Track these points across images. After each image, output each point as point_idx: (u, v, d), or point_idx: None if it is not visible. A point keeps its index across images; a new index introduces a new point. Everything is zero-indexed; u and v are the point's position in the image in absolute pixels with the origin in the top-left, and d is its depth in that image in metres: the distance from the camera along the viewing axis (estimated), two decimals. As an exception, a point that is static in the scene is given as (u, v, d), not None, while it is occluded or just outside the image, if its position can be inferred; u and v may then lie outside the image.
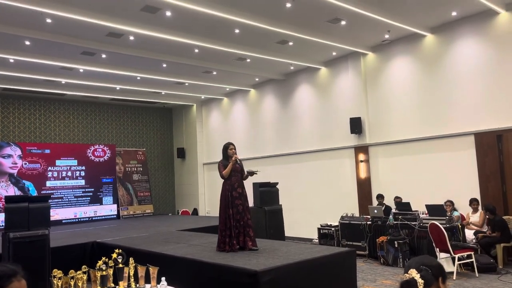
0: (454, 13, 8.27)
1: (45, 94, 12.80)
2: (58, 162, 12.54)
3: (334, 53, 10.41)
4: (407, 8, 7.88)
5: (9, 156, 11.75)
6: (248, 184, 9.95)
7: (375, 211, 8.45)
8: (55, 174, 12.46)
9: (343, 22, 8.32)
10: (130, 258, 3.65)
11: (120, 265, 3.56)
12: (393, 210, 8.46)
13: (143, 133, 15.60)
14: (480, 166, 8.11)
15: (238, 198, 5.74)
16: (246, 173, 5.91)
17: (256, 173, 5.94)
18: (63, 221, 12.26)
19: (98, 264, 3.30)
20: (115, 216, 13.38)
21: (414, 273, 1.51)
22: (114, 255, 3.42)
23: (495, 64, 8.03)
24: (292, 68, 11.42)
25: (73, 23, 7.59)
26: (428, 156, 8.99)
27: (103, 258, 3.29)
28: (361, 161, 10.11)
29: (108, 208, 13.34)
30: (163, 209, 15.73)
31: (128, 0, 6.92)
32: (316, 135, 11.28)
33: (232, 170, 5.79)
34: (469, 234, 7.68)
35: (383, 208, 8.84)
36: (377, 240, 7.94)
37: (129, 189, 14.02)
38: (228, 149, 5.88)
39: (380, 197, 9.29)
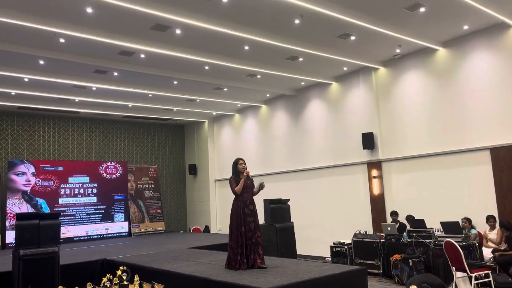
0: (465, 27, 8.25)
1: (59, 112, 13.10)
2: (70, 180, 12.74)
3: (345, 68, 10.44)
4: (417, 22, 7.90)
5: (23, 173, 11.99)
6: (259, 201, 9.94)
7: (389, 228, 8.33)
8: (68, 191, 12.64)
9: (352, 37, 8.37)
10: (135, 275, 3.67)
11: (125, 282, 3.59)
12: (408, 228, 8.32)
13: (155, 149, 15.77)
14: (497, 181, 7.96)
15: (250, 215, 5.74)
16: (256, 188, 5.85)
17: (263, 184, 5.90)
18: (75, 239, 12.38)
19: (102, 282, 3.34)
20: (126, 234, 13.45)
21: (414, 291, 1.50)
22: (119, 272, 3.45)
23: (509, 77, 7.95)
24: (303, 83, 11.48)
25: (85, 43, 7.82)
26: (442, 172, 8.87)
27: (108, 275, 3.33)
28: (374, 177, 10.02)
29: (119, 226, 13.44)
30: (174, 226, 15.76)
31: (138, 19, 7.11)
32: (328, 151, 11.24)
33: (244, 187, 5.80)
34: (487, 252, 7.49)
35: (397, 225, 8.71)
36: (391, 258, 7.81)
37: (140, 206, 14.12)
38: (238, 164, 5.88)
39: (394, 214, 9.16)
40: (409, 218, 8.69)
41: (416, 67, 9.48)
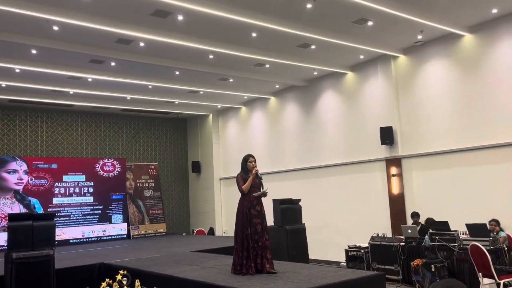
0: (494, 10, 8.17)
1: (52, 105, 13.21)
2: (65, 178, 12.86)
3: (361, 57, 10.40)
4: (441, 5, 7.83)
5: (15, 171, 12.13)
6: (267, 201, 9.96)
7: (409, 230, 8.31)
8: (62, 191, 12.77)
9: (370, 23, 8.33)
10: (136, 280, 3.72)
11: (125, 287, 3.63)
12: (430, 231, 8.30)
13: (156, 145, 15.86)
14: (529, 180, 7.89)
15: (257, 217, 5.77)
16: (258, 193, 5.83)
17: (266, 192, 5.88)
18: (70, 241, 12.51)
19: (101, 286, 3.39)
20: (125, 236, 13.56)
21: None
22: (119, 277, 3.50)
23: (543, 65, 7.86)
24: (315, 73, 11.45)
25: (81, 30, 7.87)
26: (468, 169, 8.82)
27: (107, 280, 3.37)
28: (393, 175, 9.99)
29: (117, 227, 13.56)
30: (176, 228, 15.86)
31: (137, 4, 7.14)
32: (343, 147, 11.23)
33: (251, 186, 5.82)
34: (518, 257, 7.44)
35: (418, 227, 8.67)
36: (411, 263, 7.80)
37: (140, 207, 14.23)
38: (247, 162, 5.92)
39: (415, 215, 9.11)
40: (429, 221, 8.63)
41: (439, 55, 9.41)
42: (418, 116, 9.72)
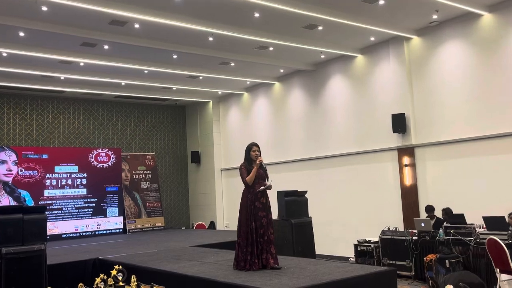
0: (516, -13, 8.08)
1: (42, 92, 13.23)
2: (57, 169, 12.92)
3: (372, 38, 10.34)
4: (458, -17, 7.75)
5: (3, 162, 12.19)
6: (271, 193, 9.96)
7: (423, 224, 8.32)
8: (54, 182, 12.84)
9: (381, 2, 8.27)
10: (132, 276, 3.76)
11: (121, 284, 3.67)
12: (445, 224, 8.31)
13: (153, 134, 15.88)
14: (551, 170, 7.87)
15: (262, 210, 5.80)
16: (263, 187, 5.82)
17: (271, 185, 5.89)
18: (63, 236, 12.61)
19: (96, 282, 3.43)
20: (120, 230, 13.65)
21: (450, 290, 1.51)
22: (114, 272, 3.54)
23: None
24: (322, 56, 11.40)
25: (71, 11, 7.84)
26: (486, 159, 8.80)
27: (101, 276, 3.41)
28: (406, 165, 9.99)
29: (113, 221, 13.64)
30: (175, 222, 15.95)
31: (131, -17, 7.10)
32: (352, 135, 11.21)
33: (256, 177, 5.84)
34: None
35: (432, 221, 8.68)
36: (424, 258, 7.83)
37: (136, 199, 14.30)
38: (251, 151, 5.93)
39: (431, 209, 9.06)
40: (447, 211, 8.64)
41: (456, 36, 9.33)
42: (433, 102, 9.68)
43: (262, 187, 5.81)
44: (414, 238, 8.31)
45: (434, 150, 9.64)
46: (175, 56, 10.80)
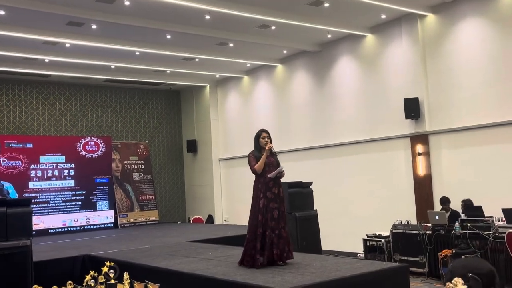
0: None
1: (26, 76, 13.18)
2: (42, 159, 12.92)
3: (383, 16, 10.28)
4: (477, -46, 7.67)
5: (-16, 151, 12.21)
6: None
7: (437, 217, 8.34)
8: (39, 174, 12.86)
9: (393, -24, 8.20)
10: (125, 273, 3.77)
11: (112, 281, 3.69)
12: (462, 217, 8.32)
13: (145, 122, 15.87)
14: None
15: (273, 200, 5.78)
16: (273, 174, 5.81)
17: (283, 171, 5.91)
18: (50, 231, 12.66)
19: (85, 280, 3.44)
20: (112, 225, 13.69)
21: (459, 284, 1.51)
22: (105, 269, 3.55)
23: None
24: (329, 36, 11.34)
25: (56, -13, 7.79)
26: (506, 147, 8.78)
27: (92, 273, 3.42)
28: (419, 153, 9.99)
29: (103, 215, 13.68)
30: (170, 216, 16.00)
31: (121, -44, 7.04)
32: (361, 122, 11.19)
33: (266, 165, 5.84)
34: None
35: (448, 214, 8.70)
36: (439, 254, 7.86)
37: (128, 192, 14.33)
38: (260, 138, 5.96)
39: (446, 201, 9.09)
40: (467, 203, 8.63)
41: (474, 13, 9.27)
42: (449, 85, 9.63)
43: (274, 172, 5.79)
44: (428, 232, 8.34)
45: (450, 137, 9.62)
46: (169, 36, 10.74)
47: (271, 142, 5.95)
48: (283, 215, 5.85)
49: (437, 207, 9.38)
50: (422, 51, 10.04)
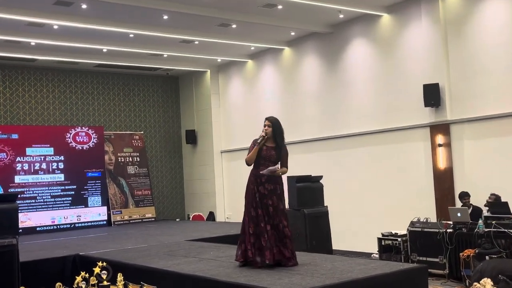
0: None
1: (9, 60, 13.19)
2: (29, 151, 12.98)
3: (400, -6, 10.23)
4: None
5: (-34, 143, 12.28)
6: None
7: (459, 214, 8.33)
8: (26, 167, 12.92)
9: (412, -51, 8.13)
10: (119, 274, 3.80)
11: (105, 283, 3.71)
12: (484, 213, 8.30)
13: (140, 110, 15.87)
14: None
15: (268, 197, 5.82)
16: (267, 171, 5.80)
17: (277, 171, 5.88)
18: (38, 229, 12.75)
19: (76, 282, 3.46)
20: (104, 223, 13.77)
21: (488, 285, 1.51)
22: (97, 270, 3.57)
23: None
24: (341, 16, 11.29)
25: (42, -37, 7.77)
26: (535, 137, 8.76)
27: (82, 274, 3.45)
28: (440, 145, 9.96)
29: (95, 212, 13.75)
30: (168, 213, 16.06)
31: None
32: (376, 110, 11.16)
33: (262, 158, 5.84)
34: None
35: (469, 210, 8.69)
36: (461, 254, 7.85)
37: (122, 186, 14.38)
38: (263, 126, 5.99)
39: (465, 195, 9.11)
40: (497, 198, 8.59)
41: (501, -10, 9.20)
42: (473, 71, 9.58)
43: (265, 171, 5.76)
44: (448, 230, 8.33)
45: (474, 127, 9.59)
46: (165, 17, 10.71)
47: (273, 132, 5.89)
48: (282, 212, 5.86)
49: (459, 203, 9.37)
50: (444, 33, 9.97)
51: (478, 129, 9.53)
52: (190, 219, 15.19)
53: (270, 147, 5.93)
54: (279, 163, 5.98)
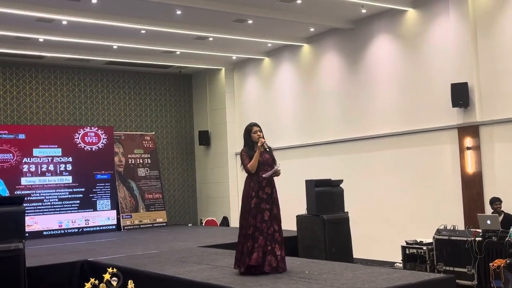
0: None
1: (17, 57, 13.35)
2: (36, 152, 13.10)
3: (427, -12, 10.16)
4: None
5: (-28, 143, 12.44)
6: (298, 182, 10.03)
7: (489, 221, 8.26)
8: (33, 168, 13.04)
9: None
10: (129, 281, 3.82)
11: (115, 290, 3.73)
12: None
13: (152, 110, 15.96)
14: None
15: (265, 201, 6.06)
16: (269, 174, 6.08)
17: (279, 170, 6.14)
18: (44, 233, 12.86)
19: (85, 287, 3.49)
20: (114, 227, 13.85)
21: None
22: (107, 276, 3.60)
23: None
24: (364, 11, 11.25)
25: (51, -44, 7.85)
26: None
27: (92, 280, 3.47)
28: (468, 148, 9.88)
29: (104, 216, 13.84)
30: (180, 218, 16.11)
31: None
32: (400, 111, 11.11)
33: (260, 163, 6.10)
34: None
35: (500, 217, 8.60)
36: (490, 265, 7.78)
37: (133, 189, 14.46)
38: (251, 133, 6.27)
39: (496, 201, 9.04)
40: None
41: (535, -17, 9.11)
42: (504, 69, 9.50)
43: (269, 173, 6.06)
44: (477, 239, 8.25)
45: (505, 129, 9.50)
46: (179, 12, 10.76)
47: (263, 137, 6.19)
48: (277, 217, 6.11)
49: (488, 209, 9.29)
50: (473, 29, 9.90)
51: (509, 131, 9.44)
52: (203, 224, 15.23)
53: (263, 152, 6.19)
54: (274, 164, 6.22)
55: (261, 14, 10.95)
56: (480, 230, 8.39)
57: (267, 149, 6.19)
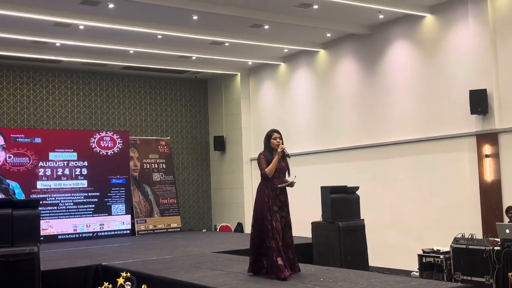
0: None
1: (34, 62, 13.50)
2: (52, 156, 13.20)
3: (445, -7, 10.12)
4: None
5: (-11, 146, 12.57)
6: (313, 189, 9.99)
7: (507, 230, 8.17)
8: (48, 172, 13.14)
9: None
10: (143, 286, 3.82)
11: (129, 295, 3.74)
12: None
13: (167, 115, 16.03)
14: None
15: (281, 208, 6.25)
16: (284, 184, 6.27)
17: (295, 183, 6.30)
18: (59, 237, 12.94)
19: (99, 292, 3.50)
20: (128, 232, 13.90)
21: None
22: (121, 281, 3.61)
23: None
24: (381, 17, 11.22)
25: (69, -39, 7.93)
26: None
27: (106, 284, 3.49)
28: (487, 155, 9.80)
29: (119, 220, 13.89)
30: (194, 223, 16.13)
31: None
32: (417, 117, 11.05)
33: (276, 170, 6.23)
34: None
35: (519, 226, 8.53)
36: (509, 274, 7.70)
37: (147, 194, 14.51)
38: (271, 139, 6.42)
39: (510, 210, 8.93)
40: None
41: (556, -11, 9.03)
42: (524, 75, 9.43)
43: (284, 184, 6.24)
44: (496, 248, 8.16)
45: (525, 137, 9.41)
46: (195, 17, 10.81)
47: (283, 144, 6.36)
48: (289, 223, 6.36)
49: (506, 218, 9.19)
50: (492, 35, 9.83)
51: (529, 139, 9.37)
52: (217, 230, 15.22)
53: (280, 159, 6.31)
54: (288, 173, 6.44)
55: (277, 19, 10.97)
56: (498, 239, 8.31)
57: (288, 156, 6.34)
